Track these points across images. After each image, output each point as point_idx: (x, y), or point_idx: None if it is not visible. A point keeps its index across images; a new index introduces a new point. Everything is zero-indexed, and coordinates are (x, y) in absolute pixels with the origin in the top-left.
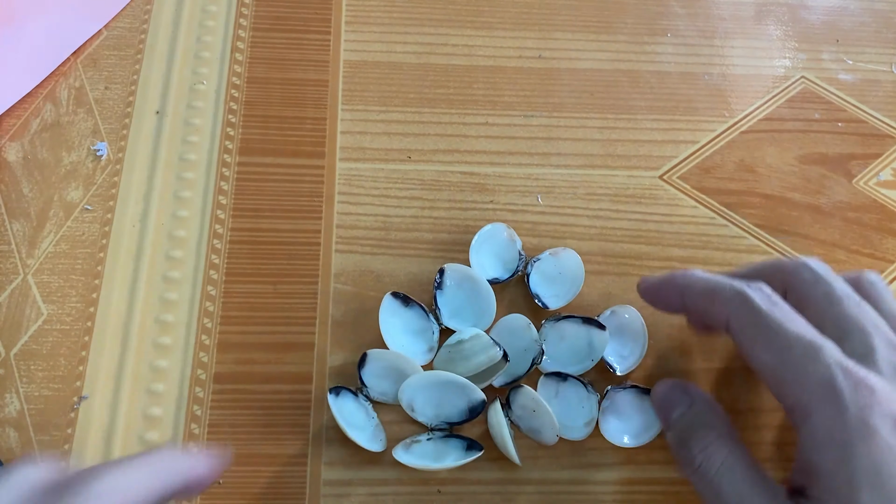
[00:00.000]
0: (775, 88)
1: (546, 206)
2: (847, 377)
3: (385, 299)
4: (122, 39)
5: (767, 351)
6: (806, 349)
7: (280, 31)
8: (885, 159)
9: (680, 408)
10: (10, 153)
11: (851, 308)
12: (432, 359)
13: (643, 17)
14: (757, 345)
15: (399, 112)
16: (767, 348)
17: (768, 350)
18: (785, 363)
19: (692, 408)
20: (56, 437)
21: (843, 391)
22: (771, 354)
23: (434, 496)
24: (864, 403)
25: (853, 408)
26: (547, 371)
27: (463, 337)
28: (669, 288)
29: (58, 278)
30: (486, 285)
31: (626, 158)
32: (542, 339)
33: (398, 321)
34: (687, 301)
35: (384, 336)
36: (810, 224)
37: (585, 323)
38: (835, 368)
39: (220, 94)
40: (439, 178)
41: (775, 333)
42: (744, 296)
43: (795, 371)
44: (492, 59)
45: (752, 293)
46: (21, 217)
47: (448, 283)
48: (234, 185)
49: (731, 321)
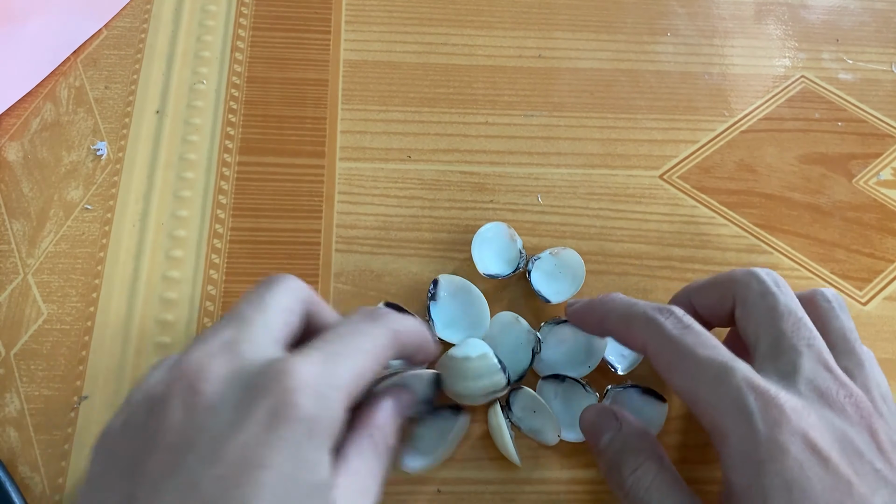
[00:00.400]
0: (775, 88)
1: (546, 206)
2: (758, 398)
3: None
4: (122, 39)
5: (682, 377)
6: (717, 372)
7: (280, 31)
8: (885, 159)
9: (608, 433)
10: (10, 153)
11: (789, 326)
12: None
13: (643, 17)
14: (672, 370)
15: (399, 112)
16: (681, 374)
17: (682, 376)
18: (699, 387)
19: (620, 432)
20: (56, 437)
21: (754, 411)
22: (685, 380)
23: (434, 496)
24: (774, 422)
25: (763, 427)
26: (545, 375)
27: (470, 354)
28: (591, 314)
29: (58, 278)
30: (479, 295)
31: (626, 158)
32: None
33: None
34: (607, 327)
35: None
36: (810, 224)
37: None
38: (745, 389)
39: (220, 93)
40: (439, 177)
41: (687, 358)
42: (655, 323)
43: (708, 394)
44: (492, 59)
45: (664, 320)
46: (21, 217)
47: (442, 294)
48: (234, 185)
49: (647, 348)
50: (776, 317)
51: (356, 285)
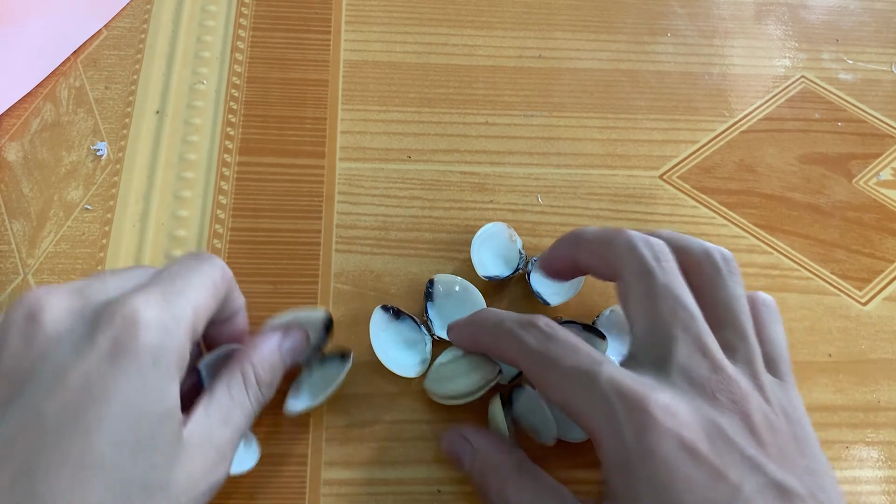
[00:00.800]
0: (775, 88)
1: (546, 206)
2: (623, 404)
3: (375, 313)
4: (122, 39)
5: (552, 389)
6: (583, 380)
7: (280, 31)
8: (885, 159)
9: (466, 457)
10: (10, 153)
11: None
12: (425, 370)
13: (643, 17)
14: (542, 385)
15: (399, 112)
16: (551, 387)
17: (553, 388)
18: (569, 398)
19: (476, 456)
20: None
21: (620, 420)
22: (556, 392)
23: (434, 496)
24: (641, 427)
25: (630, 434)
26: None
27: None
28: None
29: (58, 278)
30: (477, 294)
31: (626, 158)
32: None
33: (389, 334)
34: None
35: (375, 349)
36: (810, 224)
37: (585, 330)
38: (610, 394)
39: (220, 94)
40: (439, 178)
41: (554, 371)
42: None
43: (579, 405)
44: (492, 59)
45: (526, 335)
46: (21, 217)
47: (438, 293)
48: (234, 185)
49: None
50: (652, 298)
51: (356, 285)
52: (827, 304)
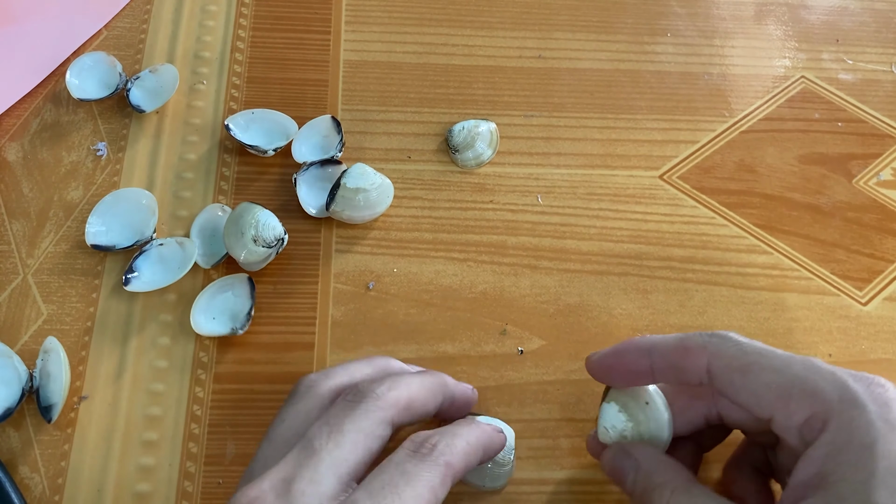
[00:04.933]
0: (775, 88)
1: (546, 206)
2: (857, 380)
3: None
4: (122, 39)
5: (767, 373)
6: (804, 363)
7: (280, 31)
8: (885, 159)
9: (629, 474)
10: (10, 153)
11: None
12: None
13: (643, 17)
14: (751, 373)
15: (399, 112)
16: (766, 371)
17: (767, 372)
18: (789, 379)
19: (639, 472)
20: (56, 437)
21: (859, 392)
22: (772, 374)
23: None
24: (882, 401)
25: (873, 407)
26: None
27: None
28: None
29: (58, 278)
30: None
31: (626, 158)
32: None
33: None
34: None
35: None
36: (810, 224)
37: None
38: (842, 373)
39: (220, 93)
40: (439, 177)
41: (769, 357)
42: (720, 334)
43: (804, 384)
44: (492, 59)
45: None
46: (21, 217)
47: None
48: (234, 186)
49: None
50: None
51: (356, 285)
52: (827, 304)
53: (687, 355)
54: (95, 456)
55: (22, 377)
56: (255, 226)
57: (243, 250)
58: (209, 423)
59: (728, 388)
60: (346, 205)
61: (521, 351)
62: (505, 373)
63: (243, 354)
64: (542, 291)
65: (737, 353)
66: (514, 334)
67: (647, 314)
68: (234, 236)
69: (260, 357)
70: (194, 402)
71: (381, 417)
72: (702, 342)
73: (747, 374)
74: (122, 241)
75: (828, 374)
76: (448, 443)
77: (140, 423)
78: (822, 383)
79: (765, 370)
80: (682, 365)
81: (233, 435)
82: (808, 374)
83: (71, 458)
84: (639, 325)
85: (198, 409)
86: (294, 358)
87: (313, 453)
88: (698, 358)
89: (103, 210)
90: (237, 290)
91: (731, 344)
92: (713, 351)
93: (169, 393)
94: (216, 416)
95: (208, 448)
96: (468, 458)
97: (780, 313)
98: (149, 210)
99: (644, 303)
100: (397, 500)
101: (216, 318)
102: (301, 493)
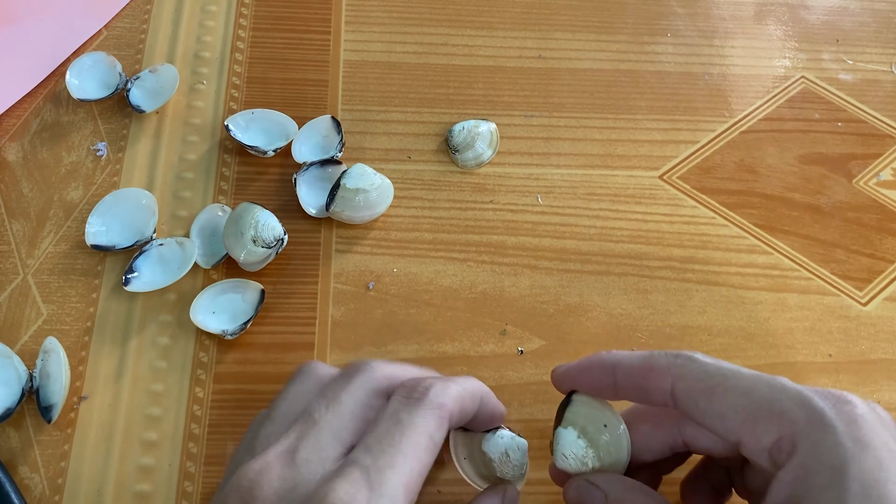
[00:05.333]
0: (775, 88)
1: (546, 206)
2: (824, 398)
3: None
4: (122, 39)
5: (732, 396)
6: (770, 384)
7: (280, 31)
8: (885, 159)
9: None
10: (10, 153)
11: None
12: None
13: (643, 17)
14: (716, 396)
15: (399, 112)
16: (730, 394)
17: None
18: (755, 401)
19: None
20: (56, 437)
21: (827, 412)
22: (737, 397)
23: (434, 496)
24: (851, 419)
25: (841, 425)
26: None
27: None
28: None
29: (58, 278)
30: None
31: (626, 158)
32: None
33: None
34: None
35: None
36: (810, 224)
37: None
38: (809, 393)
39: (220, 94)
40: (439, 177)
41: (733, 378)
42: (685, 355)
43: (771, 405)
44: (492, 59)
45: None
46: (21, 217)
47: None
48: (234, 186)
49: (677, 385)
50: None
51: (356, 285)
52: (827, 304)
53: (651, 376)
54: (95, 456)
55: (22, 377)
56: (255, 226)
57: (243, 250)
58: (209, 424)
59: (693, 411)
60: (346, 205)
61: (521, 351)
62: (505, 373)
63: (243, 354)
64: (541, 291)
65: (701, 375)
66: (514, 334)
67: (647, 314)
68: (234, 236)
69: (260, 357)
70: (194, 403)
71: (375, 388)
72: (666, 363)
73: (712, 397)
74: (122, 241)
75: (794, 394)
76: (442, 386)
77: (140, 423)
78: (789, 404)
79: (730, 392)
80: (646, 386)
81: (233, 435)
82: (774, 395)
83: (71, 459)
84: (639, 325)
85: (198, 409)
86: (294, 358)
87: (314, 423)
88: (662, 380)
89: (103, 210)
90: (247, 297)
91: (696, 366)
92: (677, 373)
93: (169, 393)
94: (216, 417)
95: (208, 448)
96: (463, 401)
97: (780, 313)
98: (149, 210)
99: (644, 303)
100: (396, 452)
101: (216, 312)
102: (305, 461)
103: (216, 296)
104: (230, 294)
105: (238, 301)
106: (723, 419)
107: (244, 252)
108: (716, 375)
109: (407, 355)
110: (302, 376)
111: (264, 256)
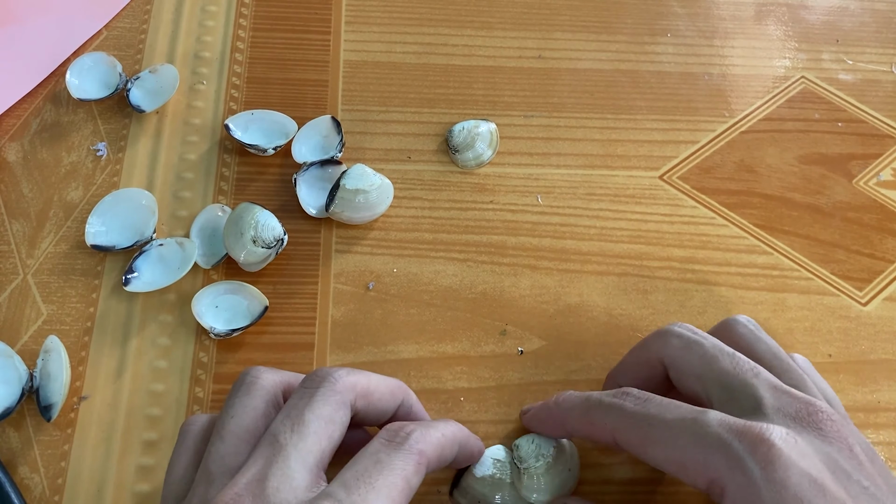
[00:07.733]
0: (775, 88)
1: (546, 206)
2: (742, 440)
3: None
4: (122, 39)
5: (659, 447)
6: (692, 428)
7: (280, 31)
8: (885, 159)
9: None
10: (10, 153)
11: (726, 363)
12: None
13: (643, 17)
14: (647, 445)
15: (399, 112)
16: (657, 444)
17: (659, 446)
18: (680, 450)
19: None
20: (56, 437)
21: (742, 454)
22: (663, 449)
23: (434, 496)
24: (766, 460)
25: (756, 468)
26: None
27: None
28: (550, 418)
29: (58, 278)
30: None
31: (626, 158)
32: None
33: None
34: (569, 428)
35: None
36: (810, 224)
37: None
38: (726, 436)
39: (220, 94)
40: (439, 177)
41: (657, 427)
42: (616, 407)
43: (693, 454)
44: (492, 59)
45: (622, 401)
46: (21, 217)
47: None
48: (234, 186)
49: (615, 434)
50: (711, 361)
51: (356, 285)
52: (827, 304)
53: (594, 430)
54: (95, 456)
55: (22, 377)
56: (255, 226)
57: (243, 251)
58: None
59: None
60: (346, 206)
61: (521, 351)
62: (505, 373)
63: (243, 355)
64: (541, 291)
65: (633, 425)
66: (514, 334)
67: (647, 314)
68: (234, 237)
69: (260, 357)
70: (194, 403)
71: (340, 401)
72: (602, 416)
73: (646, 448)
74: (121, 241)
75: (714, 440)
76: (422, 432)
77: (140, 423)
78: (709, 451)
79: (658, 445)
80: (594, 437)
81: None
82: (694, 444)
83: (71, 458)
84: (639, 325)
85: (198, 409)
86: (294, 358)
87: (280, 449)
88: (604, 433)
89: (103, 210)
90: (252, 305)
91: (627, 416)
92: (613, 426)
93: (169, 393)
94: None
95: None
96: (443, 448)
97: (780, 313)
98: (149, 210)
99: (644, 303)
100: (371, 490)
101: (219, 307)
102: (276, 490)
103: (225, 293)
104: (238, 297)
105: (241, 305)
106: (661, 465)
107: (244, 252)
108: (644, 426)
109: (407, 355)
110: (247, 387)
111: (264, 256)
